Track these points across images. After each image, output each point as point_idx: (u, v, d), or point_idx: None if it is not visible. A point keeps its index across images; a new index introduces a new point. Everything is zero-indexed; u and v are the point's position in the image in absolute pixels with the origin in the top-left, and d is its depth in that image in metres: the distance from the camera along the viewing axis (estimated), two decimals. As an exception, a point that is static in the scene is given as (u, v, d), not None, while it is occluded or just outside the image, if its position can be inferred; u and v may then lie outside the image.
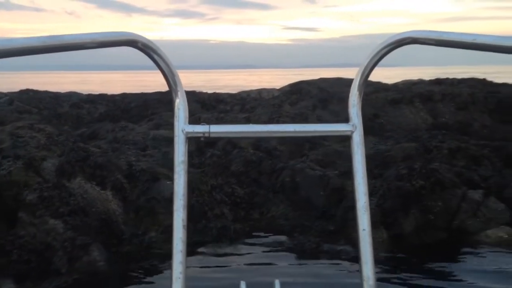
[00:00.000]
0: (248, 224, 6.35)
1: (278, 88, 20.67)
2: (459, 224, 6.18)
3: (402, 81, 24.25)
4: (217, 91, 21.26)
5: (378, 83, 18.96)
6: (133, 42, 1.11)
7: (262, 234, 6.18)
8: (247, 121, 9.00)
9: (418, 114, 12.65)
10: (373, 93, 13.22)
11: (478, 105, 12.81)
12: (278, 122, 9.25)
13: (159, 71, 1.20)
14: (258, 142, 8.05)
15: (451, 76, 17.58)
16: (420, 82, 18.05)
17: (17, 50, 0.91)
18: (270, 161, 7.42)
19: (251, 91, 22.85)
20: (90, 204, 5.37)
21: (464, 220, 6.18)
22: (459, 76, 17.88)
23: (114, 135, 8.34)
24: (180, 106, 1.22)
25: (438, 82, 17.00)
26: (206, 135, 1.22)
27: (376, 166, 7.81)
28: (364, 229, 1.21)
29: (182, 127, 1.21)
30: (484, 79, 17.42)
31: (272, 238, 6.04)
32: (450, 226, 6.21)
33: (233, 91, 25.15)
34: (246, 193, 6.75)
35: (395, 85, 18.03)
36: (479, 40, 1.01)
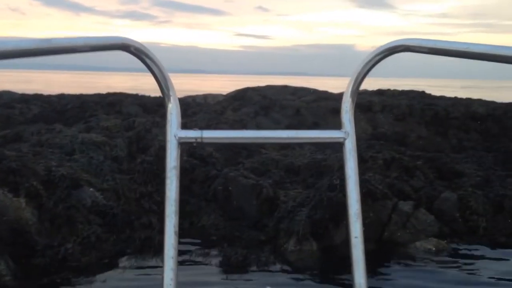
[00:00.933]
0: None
1: (225, 93, 20.54)
2: (389, 235, 6.18)
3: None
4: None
5: (325, 92, 19.18)
6: (126, 47, 1.10)
7: (190, 245, 5.93)
8: (184, 126, 8.71)
9: (358, 123, 12.74)
10: (314, 101, 13.28)
11: (416, 117, 13.12)
12: (216, 128, 9.04)
13: (151, 75, 1.19)
14: (193, 148, 7.80)
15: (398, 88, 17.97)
16: (364, 92, 18.38)
17: (9, 52, 0.91)
18: (204, 168, 7.18)
19: (196, 96, 22.60)
20: (0, 213, 4.94)
21: (394, 231, 6.19)
22: (403, 88, 18.37)
23: (39, 137, 7.85)
24: (173, 111, 1.21)
25: (380, 92, 17.35)
26: (199, 140, 1.21)
27: (311, 175, 7.75)
28: (356, 237, 1.18)
29: (175, 132, 1.20)
30: (423, 92, 17.95)
31: (200, 249, 5.80)
32: (381, 237, 6.19)
33: (180, 95, 24.86)
34: (177, 202, 6.47)
35: (339, 95, 18.29)
36: (472, 49, 1.01)
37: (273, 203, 6.41)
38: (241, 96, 14.01)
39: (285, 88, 20.75)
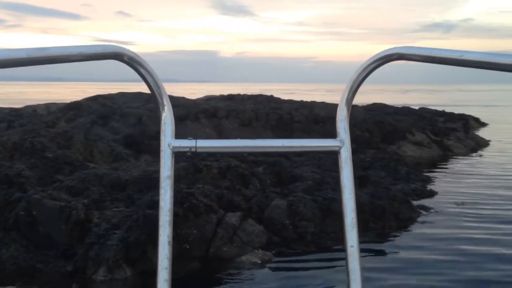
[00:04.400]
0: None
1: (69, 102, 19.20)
2: (215, 251, 5.77)
3: (204, 96, 24.43)
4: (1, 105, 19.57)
5: (183, 98, 18.62)
6: (119, 56, 1.10)
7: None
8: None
9: (203, 130, 12.44)
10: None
11: (261, 121, 13.16)
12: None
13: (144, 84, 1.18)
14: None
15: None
16: (213, 98, 18.19)
17: (2, 62, 0.91)
18: (5, 192, 6.15)
19: (38, 105, 20.89)
20: None
21: (220, 247, 5.79)
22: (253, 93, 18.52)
23: None
24: (167, 121, 1.21)
25: (229, 98, 17.27)
26: (193, 149, 1.20)
27: (139, 190, 7.11)
28: (352, 246, 1.15)
29: (169, 141, 1.20)
30: (271, 96, 18.29)
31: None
32: (206, 255, 5.76)
33: (20, 104, 22.61)
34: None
35: (193, 101, 17.84)
36: (466, 57, 1.02)
37: (84, 227, 5.64)
38: (77, 105, 12.83)
39: (138, 95, 19.81)
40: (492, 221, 7.35)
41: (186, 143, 1.22)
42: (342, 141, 1.24)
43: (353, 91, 1.22)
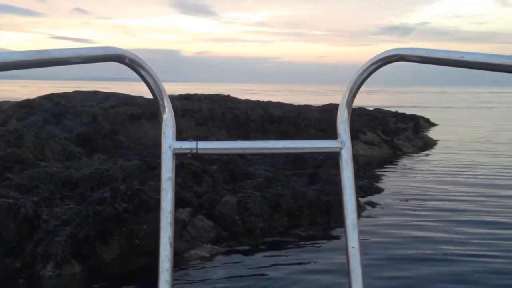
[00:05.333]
0: None
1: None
2: (165, 246, 5.90)
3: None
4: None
5: (141, 97, 18.50)
6: (120, 58, 1.10)
7: None
8: None
9: (159, 129, 12.46)
10: (113, 107, 12.61)
11: (217, 121, 13.33)
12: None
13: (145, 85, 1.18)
14: None
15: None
16: (171, 97, 18.18)
17: (2, 64, 0.91)
18: (-49, 190, 6.09)
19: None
20: None
21: (170, 241, 5.93)
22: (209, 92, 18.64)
23: None
24: (168, 122, 1.21)
25: (186, 97, 17.34)
26: (194, 151, 1.20)
27: (91, 187, 7.15)
28: (353, 247, 1.15)
29: (170, 143, 1.20)
30: (228, 95, 18.48)
31: None
32: (158, 249, 5.88)
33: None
34: None
35: (148, 100, 17.78)
36: (466, 58, 1.02)
37: (33, 224, 5.66)
38: (29, 104, 12.63)
39: (94, 94, 19.57)
40: (432, 210, 7.94)
41: (187, 145, 1.21)
42: (343, 143, 1.23)
43: (354, 92, 1.22)
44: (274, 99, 22.78)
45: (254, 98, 22.46)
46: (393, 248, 6.18)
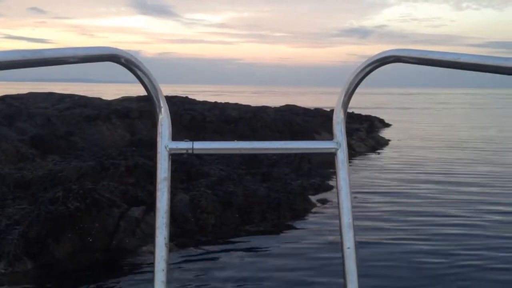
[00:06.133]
0: None
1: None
2: (117, 243, 6.08)
3: (121, 97, 24.20)
4: None
5: (99, 98, 18.38)
6: (116, 58, 1.09)
7: None
8: None
9: (115, 130, 12.55)
10: (68, 109, 12.58)
11: (174, 122, 13.44)
12: None
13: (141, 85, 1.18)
14: None
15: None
16: (129, 99, 18.19)
17: None
18: None
19: None
20: None
21: (123, 239, 6.11)
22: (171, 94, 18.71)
23: None
24: (164, 123, 1.21)
25: (145, 99, 17.37)
26: (190, 151, 1.20)
27: (44, 188, 7.23)
28: (349, 247, 1.16)
29: (166, 143, 1.19)
30: (186, 97, 18.64)
31: None
32: (109, 246, 6.06)
33: None
34: None
35: (109, 102, 17.72)
36: (462, 59, 1.01)
37: (-15, 224, 5.73)
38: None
39: (50, 95, 19.33)
40: (376, 203, 8.46)
41: (183, 145, 1.20)
42: (339, 143, 1.22)
43: (349, 93, 1.21)
44: (236, 100, 23.09)
45: (217, 99, 22.75)
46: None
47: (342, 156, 1.22)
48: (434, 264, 5.78)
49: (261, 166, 10.91)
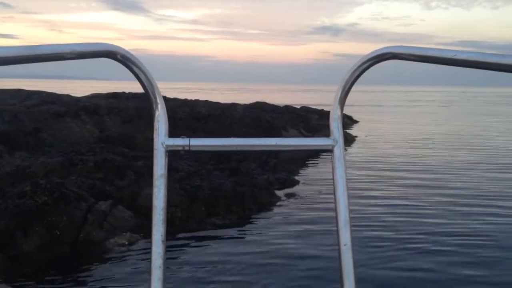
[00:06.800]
0: None
1: None
2: (85, 236, 6.24)
3: (90, 94, 24.07)
4: None
5: (68, 95, 18.26)
6: (112, 54, 1.08)
7: None
8: None
9: (84, 127, 12.59)
10: (36, 106, 12.56)
11: (143, 119, 13.58)
12: None
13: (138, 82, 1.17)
14: None
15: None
16: (98, 96, 18.18)
17: None
18: None
19: None
20: None
21: (90, 231, 6.28)
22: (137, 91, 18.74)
23: None
24: (160, 119, 1.18)
25: (114, 96, 17.40)
26: (186, 148, 1.19)
27: (12, 183, 7.31)
28: (345, 244, 1.15)
29: (162, 140, 1.17)
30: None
31: None
32: (77, 239, 6.21)
33: None
34: None
35: (78, 98, 17.65)
36: (459, 56, 1.01)
37: (-48, 218, 5.81)
38: None
39: (18, 92, 19.11)
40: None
41: (180, 142, 1.19)
42: (335, 140, 1.20)
43: (346, 90, 1.21)
44: (209, 97, 23.27)
45: (188, 96, 22.92)
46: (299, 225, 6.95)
47: (338, 153, 1.20)
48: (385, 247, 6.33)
49: (230, 161, 11.16)
